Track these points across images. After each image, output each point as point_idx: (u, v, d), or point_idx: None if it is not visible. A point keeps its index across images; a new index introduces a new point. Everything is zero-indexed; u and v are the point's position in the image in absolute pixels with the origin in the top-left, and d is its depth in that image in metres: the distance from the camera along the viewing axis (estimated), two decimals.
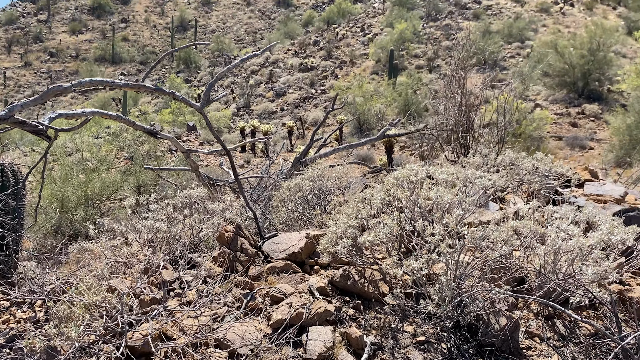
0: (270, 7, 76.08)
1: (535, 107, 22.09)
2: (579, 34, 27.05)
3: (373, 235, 3.26)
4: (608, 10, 44.39)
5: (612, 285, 3.82)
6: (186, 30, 68.20)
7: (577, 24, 38.83)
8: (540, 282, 3.47)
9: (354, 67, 36.36)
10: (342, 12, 50.68)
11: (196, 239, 4.30)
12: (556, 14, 41.38)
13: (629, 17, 40.41)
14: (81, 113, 4.15)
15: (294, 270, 3.72)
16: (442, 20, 42.17)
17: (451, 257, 3.10)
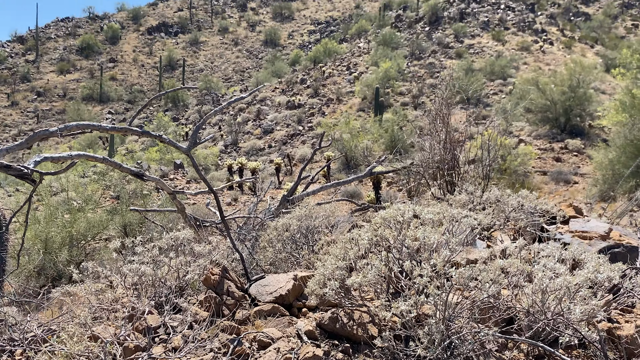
0: (257, 47, 77.43)
1: (519, 142, 22.45)
2: (559, 71, 27.80)
3: (361, 277, 3.24)
4: (586, 49, 45.85)
5: (601, 323, 3.81)
6: (174, 69, 68.94)
7: (557, 61, 39.97)
8: (529, 322, 3.45)
9: (341, 104, 36.85)
10: (328, 52, 51.70)
11: (182, 282, 4.24)
12: (536, 52, 42.60)
13: (606, 55, 41.74)
14: (67, 156, 4.14)
15: (281, 313, 3.67)
16: (425, 59, 43.16)
17: (439, 298, 3.09)
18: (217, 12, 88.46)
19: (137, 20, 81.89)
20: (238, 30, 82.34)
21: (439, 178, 8.78)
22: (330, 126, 26.90)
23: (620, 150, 14.56)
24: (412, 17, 54.19)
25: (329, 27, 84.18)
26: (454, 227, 3.75)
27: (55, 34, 75.91)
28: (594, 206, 13.86)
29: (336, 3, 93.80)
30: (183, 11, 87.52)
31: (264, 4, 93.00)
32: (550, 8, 62.90)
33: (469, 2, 53.09)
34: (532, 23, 49.47)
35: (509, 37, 46.19)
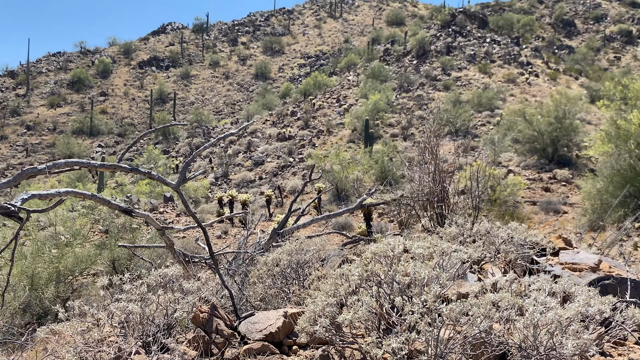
0: (248, 80, 78.29)
1: (508, 173, 22.66)
2: (545, 102, 28.32)
3: (352, 314, 3.21)
4: (571, 80, 46.84)
5: (594, 357, 3.79)
6: (165, 102, 69.35)
7: (543, 93, 40.75)
8: (522, 357, 3.42)
9: (331, 136, 37.12)
10: (318, 84, 52.36)
11: (170, 320, 4.17)
12: (522, 84, 43.44)
13: (590, 87, 42.64)
14: (55, 193, 4.12)
15: (271, 351, 3.61)
16: (414, 91, 43.83)
17: (431, 334, 3.06)
18: (208, 46, 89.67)
19: (129, 55, 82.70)
20: (229, 64, 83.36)
21: (429, 209, 8.81)
22: (321, 158, 27.03)
23: (608, 180, 14.73)
24: (400, 51, 55.24)
25: (319, 60, 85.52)
26: (444, 261, 3.74)
27: (47, 68, 76.34)
28: (584, 236, 13.93)
29: (325, 37, 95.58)
30: (174, 45, 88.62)
31: (255, 38, 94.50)
32: (534, 41, 64.53)
33: (455, 36, 54.31)
34: (517, 56, 50.58)
35: (495, 69, 47.14)
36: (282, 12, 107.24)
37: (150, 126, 59.86)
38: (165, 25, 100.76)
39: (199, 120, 55.94)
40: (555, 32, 76.15)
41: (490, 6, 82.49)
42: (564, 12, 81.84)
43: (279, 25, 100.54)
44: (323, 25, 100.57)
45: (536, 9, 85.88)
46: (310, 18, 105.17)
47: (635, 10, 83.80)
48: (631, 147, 14.27)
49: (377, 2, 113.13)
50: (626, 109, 18.11)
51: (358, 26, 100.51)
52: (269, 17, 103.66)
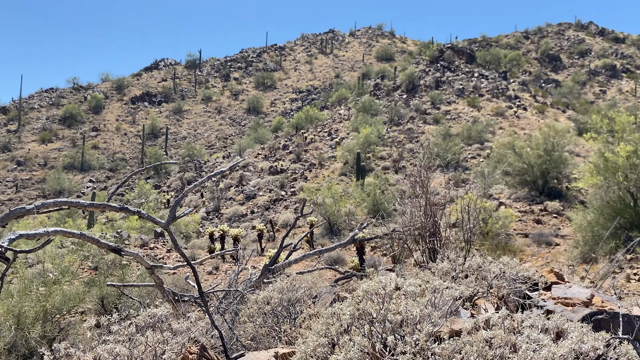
0: (240, 114, 78.91)
1: (500, 205, 22.75)
2: (534, 135, 28.70)
3: (343, 354, 3.16)
4: (558, 113, 47.65)
5: None
6: (157, 137, 69.55)
7: (531, 126, 41.36)
8: None
9: (323, 169, 37.25)
10: (310, 118, 52.86)
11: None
12: (511, 117, 44.09)
13: (577, 119, 43.37)
14: (43, 233, 4.08)
15: None
16: (404, 124, 44.33)
17: None
18: (201, 82, 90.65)
19: (121, 90, 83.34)
20: (221, 99, 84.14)
21: (422, 243, 8.79)
22: (313, 191, 27.05)
23: (598, 212, 14.82)
24: (389, 86, 56.12)
25: (310, 95, 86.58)
26: (436, 298, 3.72)
27: (39, 104, 76.61)
28: (576, 268, 13.92)
29: (317, 73, 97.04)
30: (167, 81, 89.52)
31: (247, 74, 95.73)
32: (521, 76, 65.87)
33: (444, 71, 55.35)
34: (505, 90, 51.52)
35: (484, 103, 47.89)
36: (274, 49, 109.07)
37: (142, 161, 59.85)
38: (158, 62, 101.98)
39: (190, 155, 56.01)
40: (542, 66, 77.84)
41: (477, 42, 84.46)
42: (549, 47, 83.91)
43: (270, 61, 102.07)
44: (314, 61, 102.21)
45: (522, 44, 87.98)
46: (301, 54, 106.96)
47: (618, 45, 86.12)
48: (620, 179, 14.43)
49: (366, 39, 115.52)
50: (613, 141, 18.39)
51: (348, 62, 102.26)
52: (261, 53, 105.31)
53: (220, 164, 46.63)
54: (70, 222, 27.91)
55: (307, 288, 5.41)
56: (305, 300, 5.23)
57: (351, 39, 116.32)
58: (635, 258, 13.70)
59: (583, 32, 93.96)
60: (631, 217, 14.30)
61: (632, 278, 12.51)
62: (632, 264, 13.69)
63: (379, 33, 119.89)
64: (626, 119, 18.25)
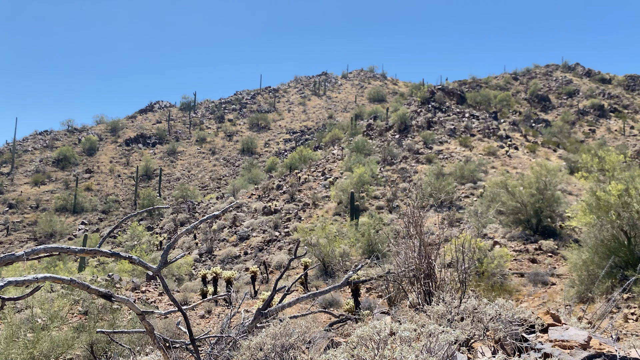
0: (234, 155, 79.31)
1: (494, 244, 22.69)
2: (526, 174, 28.94)
3: None
4: (549, 152, 48.22)
5: None
6: (151, 178, 69.53)
7: (523, 165, 41.76)
8: None
9: (317, 209, 37.19)
10: (304, 158, 53.18)
11: None
12: (503, 157, 44.54)
13: (568, 158, 43.87)
14: (32, 279, 4.02)
15: None
16: (397, 164, 44.64)
17: None
18: (195, 123, 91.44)
19: (116, 132, 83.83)
20: (215, 140, 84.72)
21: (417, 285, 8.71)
22: (307, 231, 26.91)
23: (593, 251, 14.80)
24: (382, 126, 56.81)
25: (304, 135, 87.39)
26: (431, 343, 3.66)
27: (33, 147, 76.75)
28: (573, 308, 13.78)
29: (310, 114, 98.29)
30: (161, 123, 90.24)
31: (241, 115, 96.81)
32: (512, 116, 66.95)
33: (435, 112, 56.22)
34: (496, 130, 52.24)
35: (476, 142, 48.46)
36: (268, 91, 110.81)
37: (135, 202, 59.62)
38: (153, 104, 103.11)
39: (184, 196, 55.91)
40: (531, 106, 79.30)
41: (467, 83, 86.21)
42: (538, 88, 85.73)
43: (265, 102, 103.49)
44: (307, 103, 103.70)
45: (511, 85, 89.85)
46: (295, 96, 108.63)
47: (605, 86, 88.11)
48: (612, 217, 14.48)
49: (359, 81, 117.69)
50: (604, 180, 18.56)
51: (341, 103, 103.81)
52: (255, 95, 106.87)
53: (213, 205, 46.48)
54: (61, 265, 27.52)
55: (301, 333, 5.32)
56: (299, 346, 5.12)
57: (344, 81, 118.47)
58: (632, 297, 13.61)
59: (570, 73, 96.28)
60: (626, 255, 14.28)
61: (630, 318, 12.39)
62: (629, 304, 13.59)
63: (370, 75, 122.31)
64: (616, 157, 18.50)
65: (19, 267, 23.45)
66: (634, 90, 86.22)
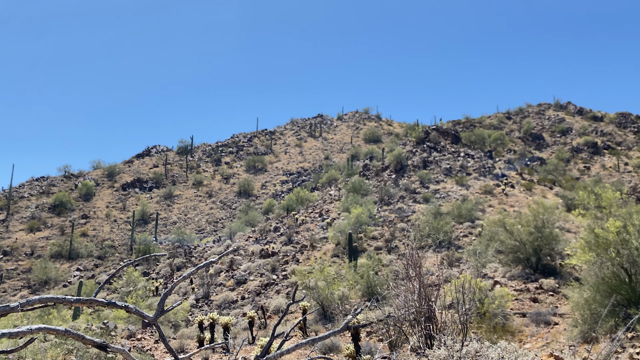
0: (231, 197, 79.30)
1: (495, 284, 22.48)
2: (524, 212, 28.97)
3: None
4: (546, 190, 48.40)
5: None
6: (147, 223, 69.21)
7: (520, 203, 41.85)
8: None
9: (315, 250, 36.94)
10: (301, 200, 53.22)
11: None
12: (499, 195, 44.67)
13: (565, 195, 44.00)
14: (26, 331, 3.95)
15: None
16: (394, 204, 44.66)
17: None
18: (192, 167, 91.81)
19: (112, 177, 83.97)
20: (212, 183, 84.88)
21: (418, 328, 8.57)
22: (305, 274, 26.63)
23: (594, 290, 14.66)
24: (378, 166, 57.17)
25: (301, 176, 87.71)
26: None
27: (29, 193, 76.64)
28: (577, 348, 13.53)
29: (306, 155, 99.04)
30: (158, 167, 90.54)
31: (238, 158, 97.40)
32: (507, 154, 67.56)
33: (431, 151, 56.73)
34: (492, 168, 52.61)
35: (472, 181, 48.70)
36: (265, 133, 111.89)
37: (131, 247, 59.11)
38: (150, 148, 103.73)
39: (180, 240, 55.54)
40: (526, 145, 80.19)
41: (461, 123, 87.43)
42: (531, 126, 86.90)
43: (261, 145, 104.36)
44: (304, 144, 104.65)
45: (505, 124, 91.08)
46: (291, 138, 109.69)
47: (597, 123, 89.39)
48: (612, 255, 14.41)
49: (354, 122, 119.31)
50: (602, 217, 18.60)
51: (337, 144, 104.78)
52: (252, 138, 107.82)
53: (210, 249, 46.09)
54: (55, 313, 27.03)
55: None
56: None
57: (339, 123, 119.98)
58: (637, 336, 13.40)
59: (562, 111, 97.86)
60: (627, 293, 14.14)
61: (635, 358, 12.16)
62: (633, 343, 13.36)
63: (365, 117, 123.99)
64: (612, 194, 18.64)
65: (12, 316, 23.00)
66: (626, 127, 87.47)
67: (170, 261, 45.25)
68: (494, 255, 26.15)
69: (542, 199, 32.80)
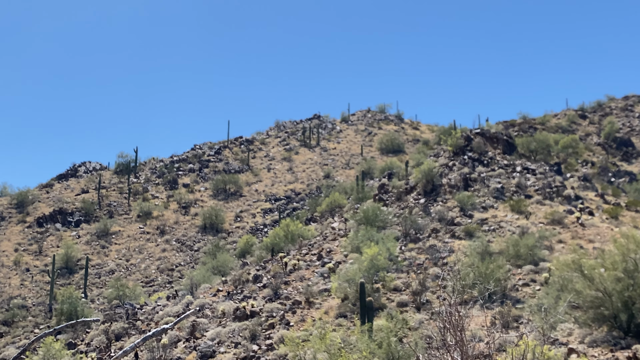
0: (192, 234, 79.16)
1: (570, 353, 22.34)
2: (608, 249, 28.85)
3: None
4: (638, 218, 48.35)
5: None
6: (73, 272, 68.92)
7: (602, 237, 41.80)
8: None
9: (312, 308, 36.76)
10: (291, 236, 53.00)
11: None
12: (573, 226, 44.63)
13: None
14: None
15: None
16: (424, 240, 44.59)
17: None
18: (137, 191, 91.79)
19: (24, 208, 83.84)
20: (165, 214, 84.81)
21: None
22: (299, 343, 26.45)
23: None
24: (400, 187, 57.23)
25: (291, 203, 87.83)
26: None
27: None
28: None
29: (298, 173, 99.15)
30: (89, 193, 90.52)
31: (202, 178, 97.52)
32: (581, 168, 67.68)
33: (474, 165, 56.85)
34: (561, 188, 52.68)
35: (534, 207, 48.71)
36: (239, 142, 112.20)
37: (51, 308, 58.74)
38: (77, 167, 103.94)
39: (120, 297, 55.22)
40: (608, 154, 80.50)
41: (516, 124, 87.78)
42: (615, 128, 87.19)
43: (234, 159, 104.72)
44: (294, 157, 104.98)
45: (578, 126, 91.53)
46: (276, 148, 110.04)
47: None
48: None
49: (365, 125, 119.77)
50: None
51: (342, 156, 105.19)
52: (221, 150, 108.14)
53: (163, 308, 45.83)
54: None
55: None
56: None
57: (344, 126, 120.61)
58: None
59: None
60: None
61: None
62: None
63: (381, 117, 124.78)
64: None
65: None
66: None
67: (107, 327, 44.94)
68: (567, 312, 25.98)
69: (633, 230, 32.74)
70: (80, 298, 56.84)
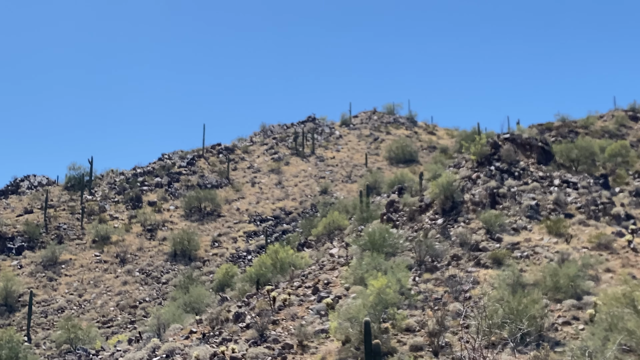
0: (160, 263, 78.98)
1: None
2: None
3: None
4: None
5: None
6: (13, 310, 68.68)
7: None
8: None
9: (306, 354, 36.74)
10: (281, 265, 52.85)
11: None
12: (623, 251, 44.58)
13: None
14: None
15: None
16: (443, 269, 44.52)
17: None
18: (92, 211, 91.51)
19: None
20: (127, 238, 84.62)
21: None
22: None
23: None
24: (413, 204, 57.16)
25: (280, 224, 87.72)
26: None
27: None
28: None
29: (289, 187, 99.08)
30: (33, 213, 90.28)
31: (171, 194, 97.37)
32: (633, 181, 67.70)
33: (503, 177, 56.79)
34: (608, 205, 52.68)
35: (575, 228, 48.64)
36: (217, 151, 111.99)
37: None
38: (19, 181, 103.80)
39: (72, 340, 54.95)
40: None
41: (553, 128, 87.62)
42: None
43: (211, 171, 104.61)
44: (284, 169, 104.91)
45: (629, 130, 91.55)
46: (262, 158, 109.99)
47: None
48: None
49: (370, 130, 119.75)
50: None
51: (342, 166, 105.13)
52: (195, 160, 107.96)
53: (123, 354, 45.70)
54: None
55: None
56: None
57: (345, 131, 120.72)
58: None
59: None
60: None
61: None
62: None
63: (389, 119, 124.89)
64: None
65: None
66: None
67: None
68: (617, 357, 25.98)
69: None
70: (22, 342, 56.60)
